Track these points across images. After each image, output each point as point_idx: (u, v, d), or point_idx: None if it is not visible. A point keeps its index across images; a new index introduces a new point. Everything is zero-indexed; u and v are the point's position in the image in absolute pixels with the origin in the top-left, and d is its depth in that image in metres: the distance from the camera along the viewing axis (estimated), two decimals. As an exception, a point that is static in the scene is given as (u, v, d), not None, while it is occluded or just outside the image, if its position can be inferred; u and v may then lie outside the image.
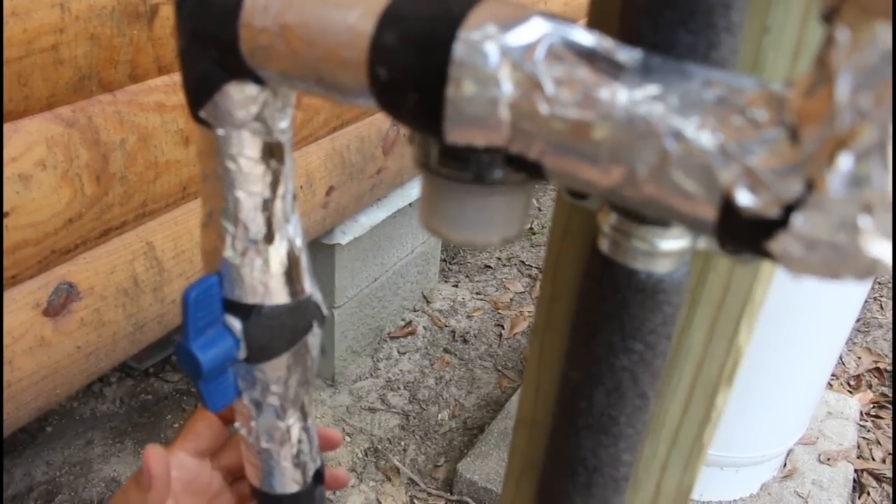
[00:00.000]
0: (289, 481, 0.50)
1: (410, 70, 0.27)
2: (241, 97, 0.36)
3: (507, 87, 0.26)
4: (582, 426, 0.39)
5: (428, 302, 2.33)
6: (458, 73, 0.26)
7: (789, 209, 0.22)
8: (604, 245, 0.34)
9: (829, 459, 1.80)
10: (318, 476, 0.52)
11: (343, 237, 1.75)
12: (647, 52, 0.27)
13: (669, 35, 0.28)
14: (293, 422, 0.48)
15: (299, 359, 0.45)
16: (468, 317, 2.31)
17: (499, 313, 2.34)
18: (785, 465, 1.77)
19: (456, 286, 2.45)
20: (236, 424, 0.49)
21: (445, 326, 2.25)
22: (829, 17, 0.22)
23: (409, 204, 1.95)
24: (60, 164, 0.94)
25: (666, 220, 0.31)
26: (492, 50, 0.26)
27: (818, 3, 0.24)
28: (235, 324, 0.42)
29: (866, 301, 2.49)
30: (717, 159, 0.23)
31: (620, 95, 0.25)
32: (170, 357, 2.02)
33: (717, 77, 0.25)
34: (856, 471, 1.81)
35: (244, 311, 0.41)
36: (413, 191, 1.95)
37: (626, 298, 0.34)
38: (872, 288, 2.57)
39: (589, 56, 0.26)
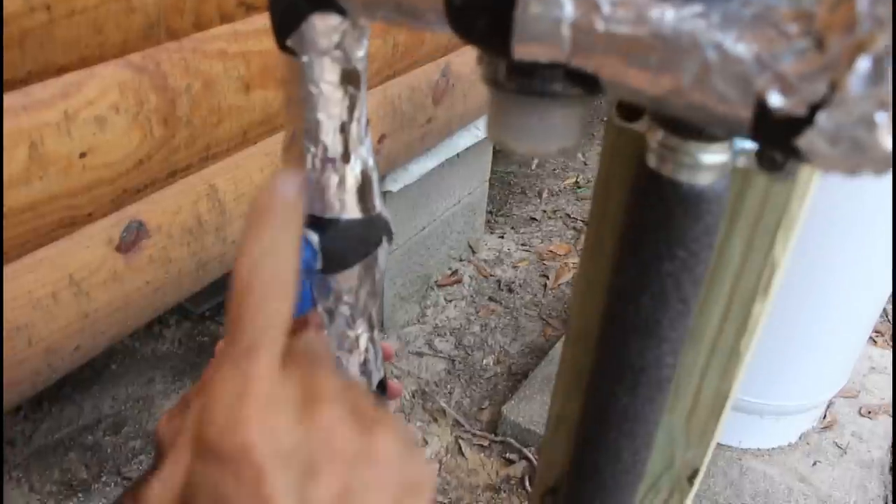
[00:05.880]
0: None
1: (483, -6, 0.31)
2: (324, 27, 0.40)
3: (569, 8, 0.30)
4: (629, 329, 0.43)
5: (474, 252, 2.38)
6: (526, -5, 0.30)
7: (815, 108, 0.26)
8: (651, 160, 0.38)
9: (869, 413, 1.81)
10: (382, 386, 0.57)
11: (394, 185, 1.79)
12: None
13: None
14: (361, 331, 0.52)
15: (369, 271, 0.49)
16: (513, 267, 2.35)
17: (544, 264, 2.37)
18: (825, 416, 1.79)
19: (502, 237, 2.49)
20: (309, 335, 0.54)
21: (491, 276, 2.29)
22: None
23: (457, 154, 1.98)
24: (132, 107, 1.00)
25: (708, 131, 0.34)
26: (556, -25, 0.29)
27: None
28: (314, 237, 0.46)
29: (916, 257, 2.47)
30: (752, 67, 0.27)
31: (668, 14, 0.28)
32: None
33: (755, -3, 0.28)
34: (896, 424, 1.82)
35: (322, 224, 0.46)
36: (461, 141, 1.98)
37: (671, 208, 0.38)
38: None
39: (642, -21, 0.29)
